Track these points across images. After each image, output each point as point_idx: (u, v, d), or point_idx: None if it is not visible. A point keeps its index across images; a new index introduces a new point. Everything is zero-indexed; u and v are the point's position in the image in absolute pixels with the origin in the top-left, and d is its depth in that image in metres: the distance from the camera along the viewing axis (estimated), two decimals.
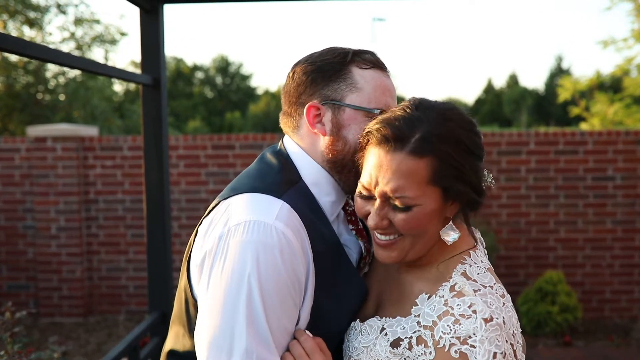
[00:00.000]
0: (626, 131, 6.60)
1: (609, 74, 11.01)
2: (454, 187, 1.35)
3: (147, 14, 3.25)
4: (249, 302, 1.34)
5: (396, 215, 1.37)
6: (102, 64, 2.76)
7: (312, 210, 1.52)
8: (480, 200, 1.42)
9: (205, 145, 6.67)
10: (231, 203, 1.47)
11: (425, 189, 1.34)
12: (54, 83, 13.20)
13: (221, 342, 1.35)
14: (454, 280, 1.38)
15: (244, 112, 48.39)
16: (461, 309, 1.30)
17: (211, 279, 1.40)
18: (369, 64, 1.57)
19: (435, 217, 1.39)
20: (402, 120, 1.36)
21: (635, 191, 6.51)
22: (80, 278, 6.66)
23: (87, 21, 13.04)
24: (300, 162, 1.59)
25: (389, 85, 1.60)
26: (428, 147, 1.32)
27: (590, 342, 5.88)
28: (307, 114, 1.56)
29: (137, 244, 6.74)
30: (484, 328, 1.27)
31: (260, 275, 1.35)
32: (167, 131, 3.35)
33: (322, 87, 1.56)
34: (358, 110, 1.54)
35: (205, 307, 1.40)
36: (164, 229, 3.33)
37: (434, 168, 1.32)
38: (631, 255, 6.54)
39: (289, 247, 1.38)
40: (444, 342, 1.29)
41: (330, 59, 1.57)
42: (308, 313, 1.47)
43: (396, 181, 1.33)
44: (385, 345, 1.39)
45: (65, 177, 6.60)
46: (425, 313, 1.36)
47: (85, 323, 6.62)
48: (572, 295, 5.90)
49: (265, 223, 1.38)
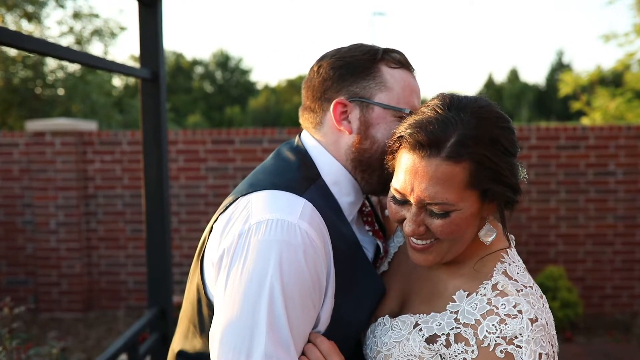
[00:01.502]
0: (628, 126, 6.58)
1: (610, 68, 10.98)
2: (492, 188, 1.32)
3: (146, 7, 3.22)
4: (270, 304, 1.29)
5: (433, 221, 1.33)
6: (101, 58, 2.73)
7: (332, 209, 1.48)
8: (517, 199, 1.38)
9: (204, 140, 6.64)
10: (251, 199, 1.41)
11: (462, 194, 1.30)
12: (53, 77, 13.17)
13: (239, 345, 1.29)
14: (495, 279, 1.36)
15: (244, 107, 48.33)
16: (506, 309, 1.29)
17: (230, 279, 1.34)
18: (398, 64, 1.54)
19: (473, 219, 1.36)
20: (435, 123, 1.30)
21: (636, 186, 6.49)
22: (80, 273, 6.64)
23: (85, 15, 13.00)
24: (320, 160, 1.55)
25: (416, 86, 1.58)
26: (464, 150, 1.27)
27: (591, 338, 5.87)
28: (333, 110, 1.51)
29: (137, 239, 6.73)
30: (530, 328, 1.26)
31: (283, 277, 1.29)
32: (166, 125, 3.32)
33: (350, 84, 1.52)
34: (387, 109, 1.51)
35: (223, 307, 1.34)
36: (164, 224, 3.31)
37: (471, 172, 1.29)
38: (632, 250, 6.53)
39: (312, 248, 1.34)
40: (488, 341, 1.27)
41: (359, 56, 1.53)
42: (328, 315, 1.43)
43: (433, 188, 1.29)
44: (420, 340, 1.37)
45: (64, 172, 6.58)
46: (465, 311, 1.34)
47: (85, 318, 6.61)
48: (573, 291, 5.89)
49: (289, 222, 1.33)
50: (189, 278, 1.58)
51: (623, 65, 10.40)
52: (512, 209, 1.40)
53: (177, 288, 6.54)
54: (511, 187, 1.34)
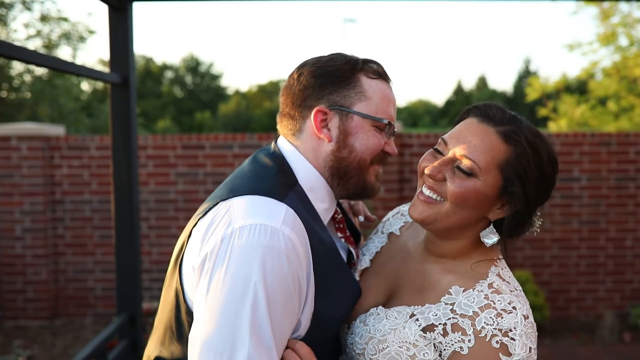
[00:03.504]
0: (592, 133, 6.74)
1: (575, 76, 11.26)
2: (514, 185, 1.43)
3: (116, 11, 3.20)
4: (253, 308, 1.29)
5: (453, 178, 1.44)
6: (69, 62, 2.71)
7: (310, 215, 1.50)
8: (527, 222, 1.50)
9: (174, 145, 6.59)
10: (232, 204, 1.41)
11: (491, 169, 1.42)
12: (19, 81, 12.93)
13: (221, 348, 1.29)
14: (490, 279, 1.46)
15: (214, 112, 48.10)
16: (502, 305, 1.39)
17: (212, 283, 1.33)
18: (377, 75, 1.58)
19: (482, 204, 1.45)
20: (506, 111, 1.48)
21: (600, 192, 6.65)
22: (46, 280, 6.53)
23: (53, 18, 12.80)
24: (297, 166, 1.56)
25: (393, 97, 1.62)
26: (514, 137, 1.42)
27: (557, 341, 5.98)
28: (314, 117, 1.53)
29: (105, 245, 6.64)
30: (523, 323, 1.37)
31: (267, 281, 1.30)
32: (136, 131, 3.31)
33: (330, 93, 1.54)
34: (366, 118, 1.54)
35: (204, 312, 1.33)
36: (133, 229, 3.29)
37: (508, 158, 1.42)
38: (596, 255, 6.68)
39: (295, 253, 1.35)
40: (485, 332, 1.36)
41: (340, 65, 1.56)
42: (308, 319, 1.45)
43: (476, 146, 1.43)
44: (416, 329, 1.44)
45: (30, 177, 6.46)
46: (462, 303, 1.42)
47: (51, 326, 6.49)
48: (539, 295, 6.00)
49: (273, 227, 1.34)
50: (165, 284, 1.57)
51: (587, 74, 10.67)
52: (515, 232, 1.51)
53: (147, 294, 6.47)
54: (527, 200, 1.46)
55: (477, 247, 1.54)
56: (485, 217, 1.50)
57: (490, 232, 1.51)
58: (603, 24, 10.05)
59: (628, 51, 9.86)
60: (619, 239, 6.67)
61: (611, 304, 6.69)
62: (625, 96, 9.79)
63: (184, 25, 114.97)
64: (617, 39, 9.93)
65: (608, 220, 6.66)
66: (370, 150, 1.55)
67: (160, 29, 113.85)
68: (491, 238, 1.50)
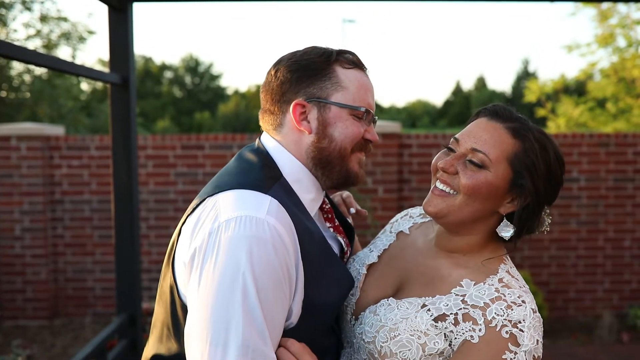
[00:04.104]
0: (590, 134, 6.75)
1: (574, 77, 11.27)
2: (523, 178, 1.51)
3: (116, 12, 3.21)
4: (244, 296, 1.33)
5: (465, 171, 1.52)
6: (70, 62, 2.72)
7: (296, 206, 1.54)
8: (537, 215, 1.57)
9: (174, 145, 6.61)
10: (218, 199, 1.46)
11: (501, 162, 1.51)
12: (19, 81, 12.93)
13: (215, 337, 1.32)
14: (500, 274, 1.53)
15: (214, 112, 48.07)
16: (512, 298, 1.45)
17: (203, 276, 1.37)
18: (352, 64, 1.61)
19: (493, 196, 1.53)
20: (514, 112, 1.59)
21: (598, 192, 6.66)
22: (45, 280, 6.53)
23: (53, 18, 12.81)
24: (281, 160, 1.61)
25: (370, 85, 1.64)
26: (522, 132, 1.52)
27: (555, 341, 6.00)
28: (293, 111, 1.57)
29: (104, 245, 6.65)
30: (531, 316, 1.43)
31: (255, 270, 1.34)
32: (135, 131, 3.32)
33: (307, 85, 1.58)
34: (343, 108, 1.57)
35: (197, 304, 1.37)
36: (132, 229, 3.30)
37: (516, 152, 1.51)
38: (594, 255, 6.70)
39: (281, 242, 1.39)
40: (496, 322, 1.41)
41: (314, 58, 1.60)
42: (299, 307, 1.48)
43: (486, 140, 1.52)
44: (427, 319, 1.49)
45: (30, 177, 6.47)
46: (473, 295, 1.48)
47: (51, 326, 6.50)
48: (538, 295, 6.01)
49: (258, 218, 1.37)
50: (160, 282, 1.60)
51: (586, 75, 10.69)
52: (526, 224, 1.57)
53: (146, 294, 6.48)
54: (537, 193, 1.53)
55: (487, 244, 1.61)
56: (496, 212, 1.57)
57: (505, 226, 1.57)
58: (601, 25, 10.07)
59: (626, 52, 9.88)
60: (617, 239, 6.69)
61: (609, 304, 6.71)
62: (623, 97, 9.81)
63: (184, 25, 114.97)
64: (615, 40, 9.95)
65: (606, 220, 6.68)
66: (350, 139, 1.58)
67: (160, 29, 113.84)
68: (507, 231, 1.56)
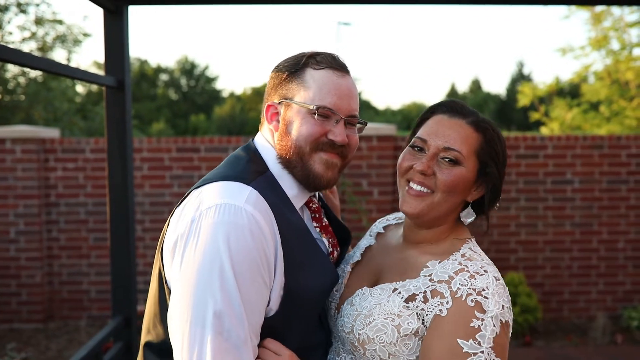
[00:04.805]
0: (584, 136, 6.79)
1: (567, 80, 11.31)
2: (489, 167, 1.64)
3: (111, 15, 3.22)
4: (222, 279, 1.39)
5: (442, 169, 1.61)
6: (65, 65, 2.73)
7: (279, 197, 1.60)
8: (499, 195, 1.69)
9: (169, 147, 6.61)
10: (202, 191, 1.53)
11: (471, 156, 1.62)
12: (14, 84, 12.89)
13: (195, 318, 1.39)
14: (463, 251, 1.62)
15: (209, 114, 47.99)
16: (475, 268, 1.53)
17: (184, 260, 1.44)
18: (323, 65, 1.66)
19: (465, 188, 1.64)
20: (467, 106, 1.69)
21: (592, 194, 6.69)
22: (40, 283, 6.52)
23: (48, 21, 12.78)
24: (266, 155, 1.69)
25: (340, 85, 1.65)
26: (483, 126, 1.64)
27: (549, 342, 6.02)
28: (265, 111, 1.71)
29: (100, 247, 6.64)
30: (494, 284, 1.49)
31: (232, 253, 1.40)
32: (131, 134, 3.32)
33: (280, 88, 1.68)
34: (301, 107, 1.62)
35: (178, 287, 1.44)
36: (128, 232, 3.30)
37: (481, 143, 1.63)
38: (589, 257, 6.72)
39: (258, 228, 1.45)
40: (461, 292, 1.48)
41: (290, 63, 1.69)
42: (279, 294, 1.53)
43: (455, 137, 1.61)
44: (399, 301, 1.56)
45: (24, 180, 6.46)
46: (438, 272, 1.56)
47: (45, 329, 6.48)
48: (532, 297, 6.03)
49: (236, 206, 1.45)
50: (152, 274, 1.66)
51: (579, 77, 10.73)
52: (493, 204, 1.71)
53: (142, 297, 6.47)
54: (500, 176, 1.66)
55: (452, 231, 1.71)
56: (463, 201, 1.68)
57: (469, 212, 1.71)
58: (595, 28, 10.12)
59: (620, 55, 9.93)
60: (611, 241, 6.72)
61: (603, 306, 6.73)
62: (616, 100, 9.86)
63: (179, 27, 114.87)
64: (609, 43, 9.99)
65: (600, 222, 6.71)
66: (304, 137, 1.62)
67: (155, 32, 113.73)
68: (470, 217, 1.71)
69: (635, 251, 6.73)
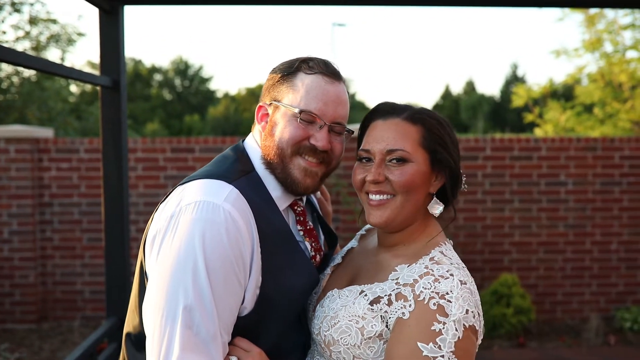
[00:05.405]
0: (577, 138, 6.82)
1: (561, 82, 11.36)
2: (439, 153, 1.62)
3: (107, 15, 3.21)
4: (194, 274, 1.41)
5: (392, 171, 1.60)
6: (60, 65, 2.72)
7: (261, 197, 1.62)
8: (460, 177, 1.68)
9: (164, 148, 6.60)
10: (185, 187, 1.57)
11: (417, 149, 1.61)
12: (8, 83, 12.84)
13: (167, 311, 1.41)
14: (433, 254, 1.59)
15: (204, 115, 47.93)
16: (440, 272, 1.50)
17: (160, 254, 1.47)
18: (315, 70, 1.67)
19: (424, 182, 1.63)
20: (398, 103, 1.70)
21: (586, 196, 6.72)
22: (34, 283, 6.50)
23: (43, 20, 12.73)
24: (253, 156, 1.71)
25: (327, 91, 1.66)
26: (418, 117, 1.63)
27: (543, 343, 6.04)
28: (256, 112, 1.74)
29: (94, 248, 6.62)
30: (459, 287, 1.46)
31: (206, 250, 1.42)
32: (126, 134, 3.32)
33: (273, 90, 1.70)
34: (287, 109, 1.64)
35: (154, 279, 1.47)
36: (123, 232, 3.29)
37: (422, 134, 1.62)
38: (582, 258, 6.75)
39: (234, 226, 1.47)
40: (424, 295, 1.46)
41: (285, 65, 1.71)
42: (253, 295, 1.55)
43: (394, 137, 1.61)
44: (364, 303, 1.54)
45: (18, 180, 6.44)
46: (405, 275, 1.54)
47: (39, 329, 6.46)
48: (526, 298, 6.05)
49: (214, 203, 1.47)
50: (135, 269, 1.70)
51: (573, 79, 10.79)
52: (456, 189, 1.70)
53: None
54: (454, 160, 1.65)
55: (424, 227, 1.69)
56: (428, 194, 1.67)
57: (435, 203, 1.68)
58: (589, 31, 10.17)
59: (613, 57, 9.98)
60: (604, 242, 6.75)
61: (596, 307, 6.76)
62: (610, 102, 9.91)
63: (173, 27, 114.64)
64: (602, 46, 10.04)
65: (593, 224, 6.74)
66: (286, 140, 1.63)
67: (150, 32, 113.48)
68: (437, 208, 1.68)
69: (628, 252, 6.77)
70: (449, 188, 1.66)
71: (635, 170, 6.73)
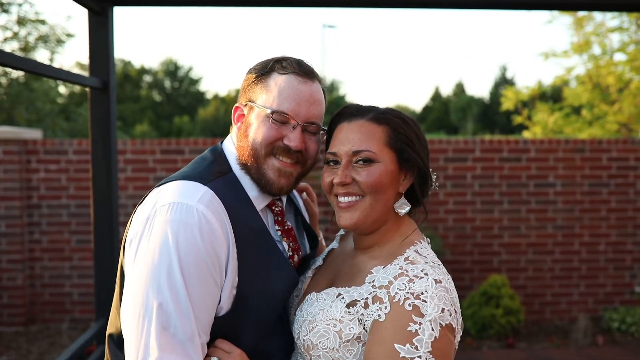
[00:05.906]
0: (566, 140, 6.87)
1: (550, 84, 11.43)
2: (406, 152, 1.62)
3: (96, 16, 3.20)
4: (169, 275, 1.43)
5: (359, 172, 1.60)
6: (49, 65, 2.71)
7: (237, 198, 1.63)
8: (429, 176, 1.67)
9: (153, 149, 6.57)
10: (162, 189, 1.57)
11: (383, 149, 1.61)
12: None
13: (143, 312, 1.42)
14: (407, 254, 1.58)
15: (193, 116, 47.76)
16: (415, 272, 1.49)
17: (137, 255, 1.48)
18: (287, 70, 1.67)
19: (392, 182, 1.62)
20: (362, 105, 1.70)
21: (574, 197, 6.77)
22: (22, 286, 6.45)
23: (31, 21, 12.65)
24: (230, 156, 1.72)
25: (300, 91, 1.66)
26: (383, 117, 1.63)
27: (532, 344, 6.07)
28: (233, 113, 1.74)
29: (82, 250, 6.58)
30: (434, 286, 1.45)
31: (180, 250, 1.44)
32: (115, 135, 3.30)
33: (248, 90, 1.71)
34: (261, 110, 1.65)
35: (131, 281, 1.48)
36: (112, 234, 3.28)
37: (388, 134, 1.62)
38: (570, 259, 6.80)
39: (208, 227, 1.48)
40: (399, 297, 1.45)
41: (259, 66, 1.72)
42: (230, 293, 1.56)
43: (359, 138, 1.61)
44: (341, 306, 1.55)
45: (6, 182, 6.39)
46: (380, 277, 1.53)
47: (27, 332, 6.41)
48: (515, 299, 6.08)
49: (188, 205, 1.49)
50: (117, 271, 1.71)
51: (561, 81, 10.86)
52: (425, 187, 1.68)
53: None
54: (422, 159, 1.65)
55: (398, 226, 1.68)
56: (397, 194, 1.66)
57: (402, 203, 1.67)
58: (577, 33, 10.24)
59: (601, 60, 10.06)
60: (592, 243, 6.80)
61: (585, 308, 6.81)
62: (598, 104, 9.98)
63: (163, 28, 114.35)
64: (590, 48, 10.12)
65: (582, 225, 6.79)
66: (259, 141, 1.64)
67: (139, 33, 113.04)
68: (404, 208, 1.67)
69: (616, 253, 6.82)
70: (417, 187, 1.66)
71: (622, 172, 6.80)
